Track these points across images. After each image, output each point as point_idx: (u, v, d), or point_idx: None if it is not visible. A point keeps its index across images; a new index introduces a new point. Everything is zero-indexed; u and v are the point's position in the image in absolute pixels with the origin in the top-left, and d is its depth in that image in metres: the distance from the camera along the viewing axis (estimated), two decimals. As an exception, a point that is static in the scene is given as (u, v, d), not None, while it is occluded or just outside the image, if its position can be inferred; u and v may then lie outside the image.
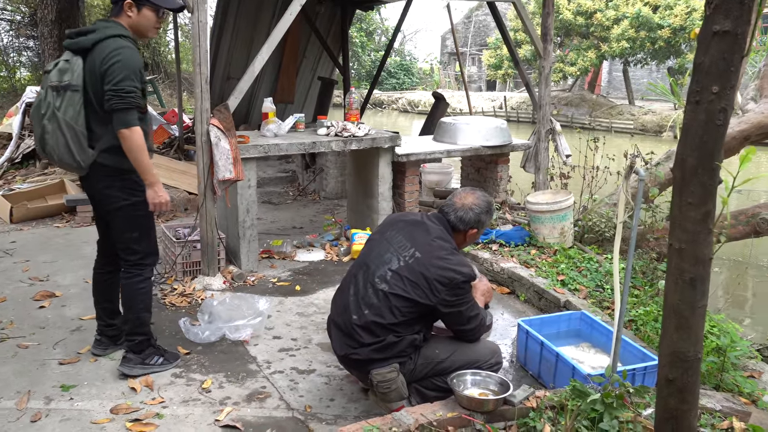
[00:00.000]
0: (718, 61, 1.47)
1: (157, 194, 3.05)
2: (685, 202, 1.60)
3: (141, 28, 3.05)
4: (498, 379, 2.71)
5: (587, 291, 4.14)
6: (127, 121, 2.88)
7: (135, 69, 2.89)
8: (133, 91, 2.87)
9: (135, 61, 2.90)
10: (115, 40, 2.88)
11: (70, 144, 2.91)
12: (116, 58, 2.84)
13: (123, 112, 2.86)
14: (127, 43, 2.92)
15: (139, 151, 2.93)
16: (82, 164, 2.97)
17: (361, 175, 5.47)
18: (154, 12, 3.04)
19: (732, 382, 3.34)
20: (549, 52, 5.68)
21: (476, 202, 2.98)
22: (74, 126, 2.89)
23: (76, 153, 2.93)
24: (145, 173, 3.00)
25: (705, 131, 1.53)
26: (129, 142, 2.91)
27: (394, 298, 2.68)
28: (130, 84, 2.86)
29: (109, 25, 2.96)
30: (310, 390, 3.14)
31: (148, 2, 2.99)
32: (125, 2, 2.97)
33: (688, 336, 1.69)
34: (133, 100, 2.88)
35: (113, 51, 2.85)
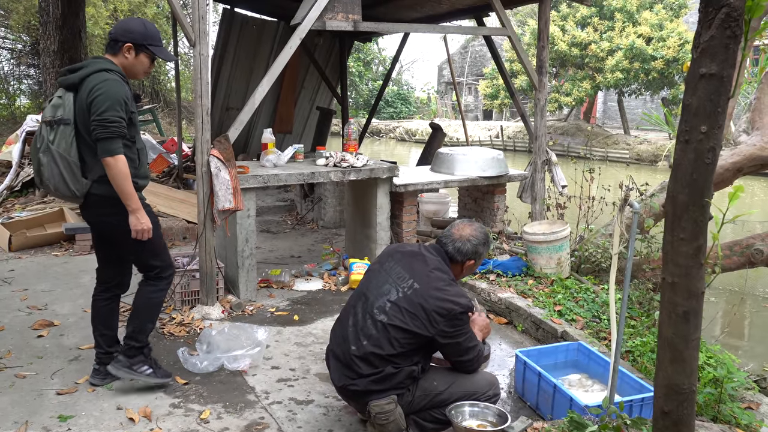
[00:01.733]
0: (706, 103, 1.53)
1: (139, 221, 3.14)
2: (677, 238, 1.64)
3: (134, 70, 3.23)
4: (496, 411, 2.72)
5: (584, 321, 4.16)
6: (111, 150, 3.00)
7: (118, 99, 3.01)
8: (117, 121, 2.99)
9: (118, 91, 3.02)
10: (99, 74, 3.02)
11: (64, 174, 3.05)
12: (100, 91, 2.98)
13: (107, 141, 2.99)
14: (112, 76, 3.05)
15: (122, 177, 3.04)
16: (77, 193, 3.11)
17: (359, 205, 5.52)
18: (149, 58, 3.23)
19: (729, 414, 3.35)
20: (544, 84, 5.78)
21: (474, 233, 3.02)
22: (67, 157, 3.03)
23: (71, 183, 3.07)
24: (128, 200, 3.10)
25: (695, 169, 1.58)
26: (113, 170, 3.02)
27: (392, 329, 2.70)
28: (113, 114, 2.98)
29: (97, 61, 3.12)
30: (308, 421, 3.14)
31: (146, 50, 3.19)
32: (125, 45, 3.14)
33: (683, 369, 1.71)
34: (117, 129, 3.00)
35: (98, 84, 2.99)
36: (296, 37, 4.61)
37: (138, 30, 3.18)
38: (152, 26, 3.27)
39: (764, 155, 5.15)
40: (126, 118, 3.06)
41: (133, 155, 3.20)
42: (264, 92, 4.56)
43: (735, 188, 1.53)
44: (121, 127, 3.03)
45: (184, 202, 7.14)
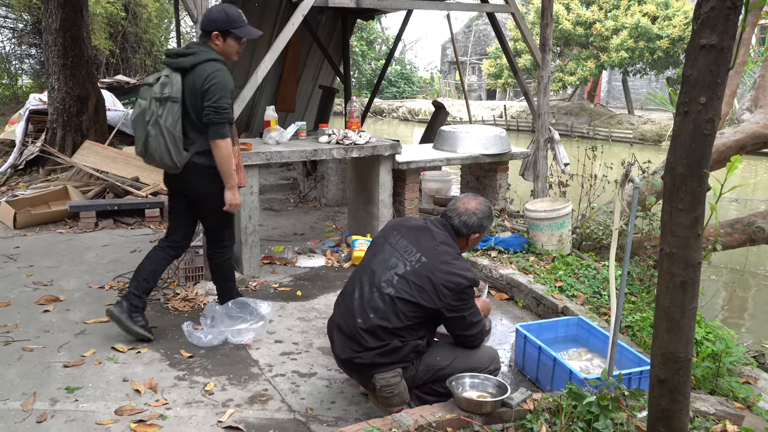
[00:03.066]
0: (705, 74, 1.54)
1: (234, 197, 3.61)
2: (675, 209, 1.66)
3: (226, 54, 3.58)
4: (496, 382, 2.76)
5: (585, 297, 4.19)
6: (222, 133, 3.44)
7: (229, 89, 3.45)
8: (228, 108, 3.44)
9: (229, 82, 3.45)
10: (211, 64, 3.43)
11: (169, 147, 3.45)
12: (216, 80, 3.40)
13: (219, 125, 3.43)
14: (222, 66, 3.47)
15: (228, 158, 3.50)
16: (177, 164, 3.51)
17: (361, 183, 5.54)
18: (236, 41, 3.57)
19: (727, 387, 3.39)
20: (547, 62, 5.76)
21: (479, 207, 3.04)
22: (173, 132, 3.44)
23: (174, 154, 3.47)
24: (227, 177, 3.55)
25: (693, 140, 1.59)
26: (222, 151, 3.46)
27: (400, 302, 2.73)
28: (226, 102, 3.42)
29: (204, 49, 3.50)
30: (311, 393, 3.19)
31: (231, 34, 3.52)
32: (213, 33, 3.52)
33: (679, 338, 1.74)
34: (227, 115, 3.44)
35: (212, 73, 3.40)
36: (298, 13, 4.60)
37: (220, 18, 3.49)
38: (233, 10, 3.55)
39: (767, 133, 5.14)
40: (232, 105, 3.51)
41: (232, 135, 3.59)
42: (266, 69, 4.56)
43: (733, 159, 1.54)
44: (230, 114, 3.47)
45: (187, 180, 7.15)
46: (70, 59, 7.68)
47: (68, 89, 7.75)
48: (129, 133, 8.83)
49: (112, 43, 22.12)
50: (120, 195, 6.88)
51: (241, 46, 3.61)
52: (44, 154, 7.68)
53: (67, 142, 7.84)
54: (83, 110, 7.92)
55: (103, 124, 8.28)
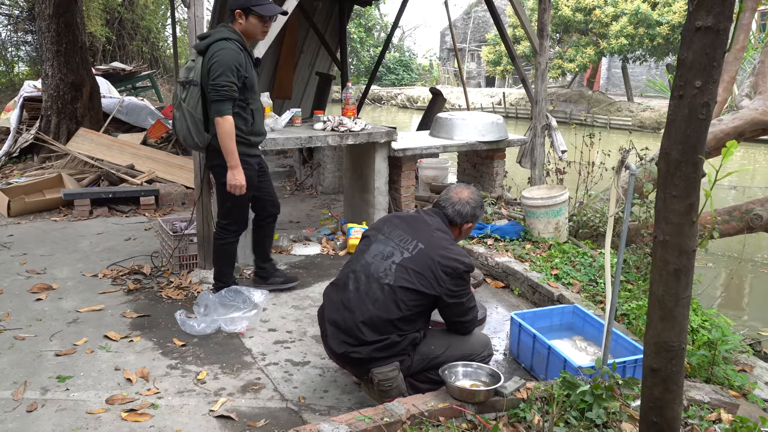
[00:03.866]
0: (701, 57, 1.50)
1: (234, 177, 3.64)
2: (669, 195, 1.63)
3: (249, 33, 3.65)
4: (489, 371, 2.74)
5: (581, 285, 4.17)
6: (221, 111, 3.49)
7: (230, 66, 3.45)
8: (227, 85, 3.45)
9: (231, 58, 3.46)
10: (218, 43, 3.49)
11: (190, 128, 3.62)
12: (216, 58, 3.46)
13: (218, 103, 3.48)
14: (228, 45, 3.49)
15: (227, 136, 3.53)
16: (199, 144, 3.68)
17: (357, 170, 5.50)
18: (259, 19, 3.60)
19: (723, 375, 3.37)
20: (545, 49, 5.70)
21: (472, 196, 3.02)
22: (194, 114, 3.59)
23: (195, 135, 3.64)
24: (229, 156, 3.59)
25: (688, 125, 1.55)
26: (220, 128, 3.52)
27: (399, 290, 2.69)
28: (225, 79, 3.44)
29: (220, 30, 3.59)
30: (304, 382, 3.17)
31: (252, 11, 3.56)
32: (236, 11, 3.58)
33: (672, 326, 1.72)
34: (226, 92, 3.46)
35: (216, 52, 3.47)
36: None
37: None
38: None
39: (766, 120, 5.10)
40: (238, 83, 3.50)
41: (246, 115, 3.68)
42: (260, 55, 4.49)
43: (728, 144, 1.51)
44: (231, 91, 3.48)
45: (182, 168, 7.12)
46: (63, 45, 7.60)
47: (62, 76, 7.69)
48: (124, 120, 8.78)
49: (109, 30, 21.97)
50: (115, 183, 6.84)
51: (265, 25, 3.64)
52: (39, 142, 7.63)
53: (61, 129, 7.78)
54: (78, 97, 7.85)
55: (98, 111, 8.22)
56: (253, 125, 3.75)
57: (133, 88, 14.13)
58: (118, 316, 3.87)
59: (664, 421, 1.80)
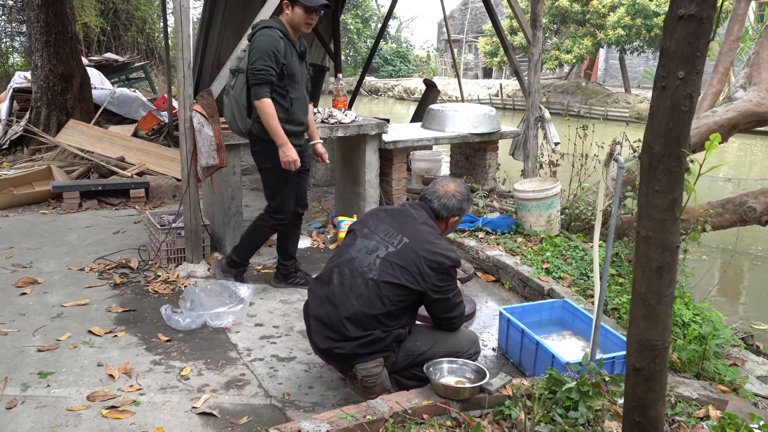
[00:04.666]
0: (684, 46, 1.45)
1: (285, 154, 3.71)
2: (651, 190, 1.58)
3: (294, 24, 3.68)
4: (474, 367, 2.70)
5: (571, 279, 4.13)
6: (258, 94, 3.59)
7: (267, 50, 3.54)
8: (263, 69, 3.54)
9: (267, 43, 3.55)
10: (261, 31, 3.60)
11: (235, 114, 3.79)
12: (254, 44, 3.59)
13: (255, 86, 3.59)
14: (268, 32, 3.58)
15: (268, 117, 3.62)
16: (242, 130, 3.84)
17: (348, 163, 5.44)
18: (304, 10, 3.62)
19: (713, 370, 3.34)
20: (538, 39, 5.64)
21: (458, 189, 2.97)
22: (239, 100, 3.74)
23: (239, 121, 3.80)
24: (275, 136, 3.68)
25: (671, 117, 1.50)
26: (260, 111, 3.63)
27: (384, 285, 2.64)
28: (261, 63, 3.53)
29: (267, 20, 3.72)
30: (289, 377, 3.13)
31: (298, 2, 3.60)
32: (284, 2, 3.66)
33: (655, 325, 1.67)
34: (263, 76, 3.55)
35: (255, 39, 3.60)
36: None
37: None
38: None
39: (761, 111, 5.05)
40: (276, 68, 3.58)
41: (285, 104, 3.74)
42: (246, 42, 4.43)
43: (712, 137, 1.46)
44: (268, 75, 3.56)
45: (173, 160, 7.06)
46: (53, 36, 7.51)
47: (52, 67, 7.60)
48: (116, 111, 8.70)
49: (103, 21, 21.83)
50: (105, 175, 6.77)
51: (309, 16, 3.64)
52: (28, 134, 7.56)
53: (51, 121, 7.71)
54: (68, 88, 7.77)
55: (88, 103, 8.14)
56: (291, 113, 3.78)
57: (126, 80, 14.03)
58: (103, 311, 3.82)
59: (647, 421, 1.76)
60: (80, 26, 20.55)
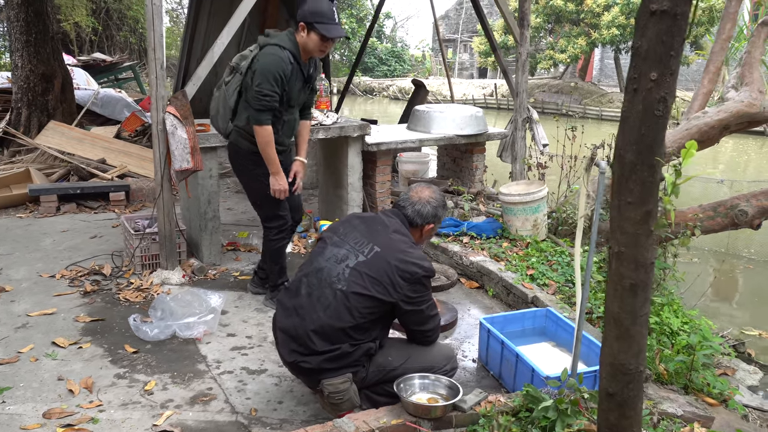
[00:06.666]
0: (656, 45, 1.31)
1: (277, 182, 3.63)
2: (624, 202, 1.45)
3: (308, 48, 3.50)
4: (447, 383, 2.57)
5: (556, 286, 4.00)
6: (259, 120, 3.44)
7: (273, 74, 3.37)
8: (269, 95, 3.40)
9: (276, 67, 3.37)
10: (271, 48, 3.43)
11: (220, 111, 3.67)
12: (260, 63, 3.41)
13: (258, 112, 3.43)
14: (276, 51, 3.40)
15: (266, 144, 3.50)
16: (221, 131, 3.73)
17: (330, 165, 5.31)
18: (320, 36, 3.42)
19: (702, 381, 3.22)
20: (526, 38, 5.51)
21: (433, 195, 2.84)
22: (227, 100, 3.62)
23: (221, 120, 3.69)
24: (269, 163, 3.58)
25: (643, 123, 1.37)
26: (259, 137, 3.49)
27: (353, 296, 2.51)
28: (268, 88, 3.38)
29: (281, 35, 3.51)
30: (258, 392, 3.00)
31: (314, 28, 3.40)
32: (300, 23, 3.44)
33: (629, 347, 1.54)
34: (267, 102, 3.41)
35: (261, 57, 3.43)
36: (258, -15, 4.32)
37: (308, 8, 3.40)
38: (326, 5, 3.42)
39: (752, 112, 4.93)
40: (280, 93, 3.44)
41: (276, 126, 3.58)
42: (224, 45, 4.30)
43: (688, 144, 1.33)
44: (272, 101, 3.42)
45: (155, 162, 6.90)
46: (33, 35, 7.36)
47: (32, 67, 7.44)
48: (99, 112, 8.55)
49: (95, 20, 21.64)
50: (85, 178, 6.62)
51: (324, 44, 3.46)
52: (8, 136, 7.40)
53: (32, 122, 7.55)
54: (49, 89, 7.62)
55: (70, 104, 7.98)
56: (278, 137, 3.62)
57: (115, 80, 13.86)
58: (70, 321, 3.68)
59: (622, 450, 1.63)
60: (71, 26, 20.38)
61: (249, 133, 3.57)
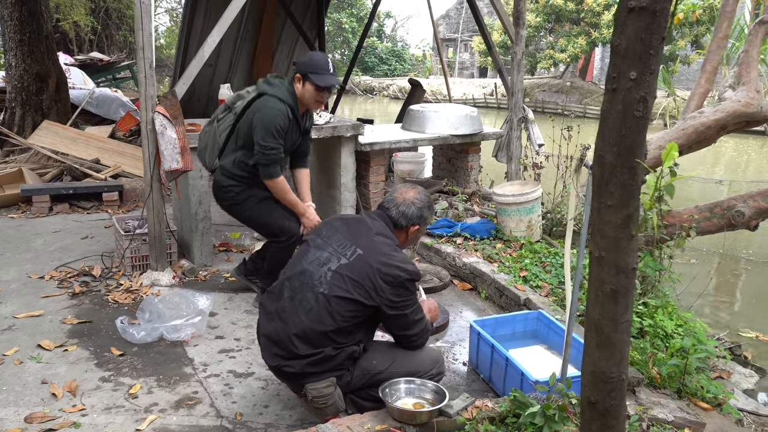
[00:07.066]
0: (636, 43, 1.27)
1: (310, 221, 3.71)
2: (604, 205, 1.41)
3: (304, 99, 3.54)
4: (433, 387, 2.52)
5: (550, 288, 3.95)
6: (270, 174, 3.50)
7: (275, 126, 3.40)
8: (275, 148, 3.44)
9: (275, 120, 3.40)
10: (270, 99, 3.44)
11: (208, 146, 3.68)
12: (259, 116, 3.42)
13: (265, 166, 3.48)
14: (276, 105, 3.42)
15: (283, 193, 3.59)
16: (207, 165, 3.74)
17: (323, 165, 5.26)
18: (314, 87, 3.46)
19: (695, 385, 3.17)
20: (521, 37, 5.46)
21: (418, 196, 2.77)
22: (216, 138, 3.63)
23: (208, 155, 3.69)
24: (294, 207, 3.67)
25: (623, 124, 1.33)
26: (274, 190, 3.57)
27: (334, 300, 2.46)
28: (273, 142, 3.42)
29: (281, 85, 3.51)
30: (244, 395, 2.96)
31: (309, 78, 3.45)
32: (296, 75, 3.49)
33: (611, 355, 1.50)
34: (274, 155, 3.45)
35: (260, 108, 3.44)
36: (248, -17, 4.28)
37: (303, 61, 3.52)
38: (320, 57, 3.55)
39: (749, 112, 4.87)
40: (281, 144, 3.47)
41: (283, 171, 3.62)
42: (214, 43, 4.27)
43: (668, 146, 1.28)
44: (279, 154, 3.46)
45: (150, 162, 6.86)
46: (27, 34, 7.32)
47: (26, 66, 7.41)
48: (95, 112, 8.51)
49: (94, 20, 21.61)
50: (78, 178, 6.59)
51: (320, 94, 3.51)
52: (1, 136, 7.36)
53: (26, 121, 7.52)
54: (43, 88, 7.58)
55: (65, 103, 7.95)
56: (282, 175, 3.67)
57: (113, 79, 13.83)
58: (57, 323, 3.64)
59: (604, 460, 1.58)
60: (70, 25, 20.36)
61: (232, 173, 3.59)
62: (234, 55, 8.94)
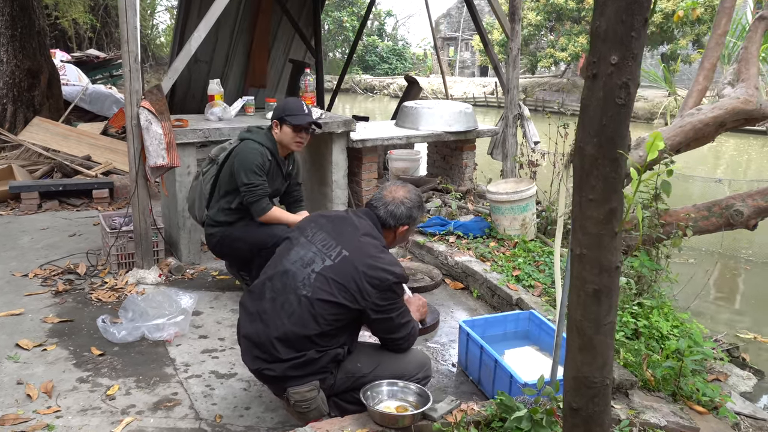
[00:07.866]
0: (616, 25, 1.18)
1: None
2: (585, 199, 1.32)
3: (284, 142, 3.62)
4: (416, 389, 2.43)
5: (543, 288, 3.86)
6: (261, 211, 3.55)
7: (253, 164, 3.47)
8: (260, 184, 3.50)
9: (254, 158, 3.49)
10: (247, 142, 3.57)
11: (196, 201, 3.80)
12: (236, 157, 3.53)
13: (255, 203, 3.53)
14: (257, 147, 3.52)
15: (276, 220, 3.61)
16: (197, 218, 3.87)
17: (315, 162, 5.18)
18: (291, 128, 3.55)
19: (691, 388, 3.08)
20: (517, 33, 5.37)
21: (407, 195, 2.67)
22: (203, 189, 3.75)
23: (197, 209, 3.81)
24: (285, 221, 3.64)
25: (604, 112, 1.24)
26: (270, 220, 3.60)
27: (318, 303, 2.36)
28: (256, 179, 3.49)
29: (257, 131, 3.65)
30: (225, 397, 2.87)
31: (285, 121, 3.55)
32: (274, 121, 3.61)
33: (593, 358, 1.41)
34: (261, 191, 3.52)
35: (239, 152, 3.54)
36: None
37: (279, 106, 3.63)
38: (294, 101, 3.64)
39: (748, 109, 4.79)
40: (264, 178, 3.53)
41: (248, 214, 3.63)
42: (200, 39, 4.19)
43: (651, 135, 1.20)
44: (264, 188, 3.53)
45: (142, 159, 6.78)
46: (18, 30, 7.24)
47: (18, 62, 7.33)
48: (88, 108, 8.43)
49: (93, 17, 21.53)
50: (69, 174, 6.51)
51: (298, 135, 3.58)
52: (-8, 132, 7.29)
53: (18, 118, 7.44)
54: (35, 84, 7.50)
55: (58, 100, 7.87)
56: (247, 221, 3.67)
57: (110, 76, 13.74)
58: (37, 322, 3.56)
59: (587, 469, 1.50)
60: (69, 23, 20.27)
61: (217, 221, 3.64)
62: (230, 51, 8.86)
